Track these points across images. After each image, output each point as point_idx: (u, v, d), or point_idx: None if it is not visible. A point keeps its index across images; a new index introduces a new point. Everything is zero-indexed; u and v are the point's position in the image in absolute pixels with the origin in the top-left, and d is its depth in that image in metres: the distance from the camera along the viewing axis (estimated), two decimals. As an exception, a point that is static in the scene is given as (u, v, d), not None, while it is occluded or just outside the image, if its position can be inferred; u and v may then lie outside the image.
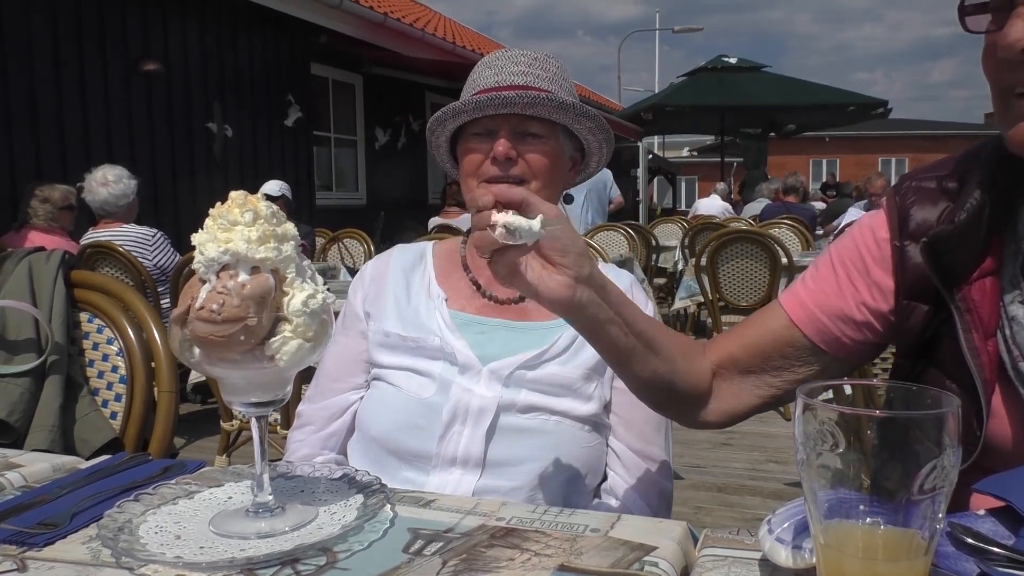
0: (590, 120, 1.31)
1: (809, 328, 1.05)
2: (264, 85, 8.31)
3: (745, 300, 5.01)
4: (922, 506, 0.55)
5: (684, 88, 13.82)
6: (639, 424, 1.29)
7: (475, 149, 1.30)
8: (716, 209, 10.71)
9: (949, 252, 0.91)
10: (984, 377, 0.88)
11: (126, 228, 4.45)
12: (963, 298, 0.90)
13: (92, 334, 1.62)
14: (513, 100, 1.24)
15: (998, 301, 0.90)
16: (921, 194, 0.98)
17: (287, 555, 0.77)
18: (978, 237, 0.90)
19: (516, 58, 1.33)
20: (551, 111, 1.27)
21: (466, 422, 1.21)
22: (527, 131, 1.29)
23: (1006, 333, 0.89)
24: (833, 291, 1.04)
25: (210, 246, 0.79)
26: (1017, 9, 0.78)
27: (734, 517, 3.39)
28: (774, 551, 0.70)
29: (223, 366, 0.81)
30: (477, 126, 1.30)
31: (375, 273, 1.40)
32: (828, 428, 0.56)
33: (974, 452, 0.88)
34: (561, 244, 0.93)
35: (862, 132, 30.43)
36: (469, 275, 1.37)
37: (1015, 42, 0.78)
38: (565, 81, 1.35)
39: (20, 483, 0.98)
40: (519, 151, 1.28)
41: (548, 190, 1.30)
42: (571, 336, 1.27)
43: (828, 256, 1.07)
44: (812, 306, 1.05)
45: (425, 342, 1.28)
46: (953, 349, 0.91)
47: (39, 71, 5.86)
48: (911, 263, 0.96)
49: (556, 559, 0.76)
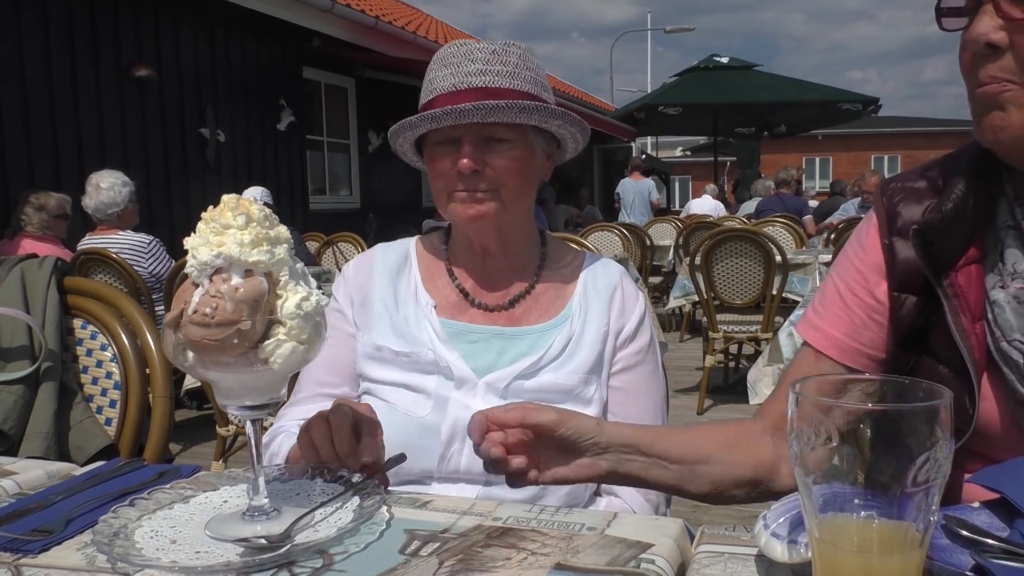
0: (558, 119, 1.25)
1: (835, 351, 1.07)
2: (257, 89, 8.30)
3: (740, 298, 5.02)
4: (916, 499, 0.55)
5: (676, 88, 13.84)
6: (636, 421, 1.27)
7: (440, 158, 1.25)
8: (708, 208, 10.75)
9: (937, 241, 0.95)
10: (974, 358, 0.92)
11: (122, 235, 4.43)
12: (950, 284, 0.94)
13: (86, 340, 1.61)
14: (471, 112, 1.17)
15: (983, 287, 0.94)
16: (907, 193, 1.03)
17: (283, 558, 0.77)
18: (963, 227, 0.95)
19: (473, 54, 1.24)
20: (514, 116, 1.20)
21: (466, 440, 1.16)
22: (492, 136, 1.23)
23: (988, 317, 0.94)
24: (842, 308, 1.07)
25: (203, 250, 0.79)
26: (984, 7, 0.85)
27: (731, 514, 3.39)
28: (770, 546, 0.70)
29: (217, 370, 0.81)
30: (438, 134, 1.25)
31: (359, 279, 1.35)
32: (821, 422, 0.57)
33: (967, 432, 0.92)
34: (572, 437, 0.97)
35: (855, 130, 30.50)
36: (455, 282, 1.34)
37: (979, 36, 0.84)
38: (528, 70, 1.26)
39: (15, 490, 0.98)
40: (486, 159, 1.22)
41: (522, 191, 1.27)
42: (565, 339, 1.26)
43: (831, 278, 1.12)
44: (828, 329, 1.08)
45: (419, 356, 1.24)
46: (944, 335, 0.95)
47: (31, 77, 5.84)
48: (900, 257, 1.00)
49: (553, 558, 0.76)
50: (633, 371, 1.30)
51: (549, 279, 1.34)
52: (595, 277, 1.34)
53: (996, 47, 0.84)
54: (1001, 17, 0.84)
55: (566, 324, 1.29)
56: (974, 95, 0.89)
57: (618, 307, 1.31)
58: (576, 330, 1.28)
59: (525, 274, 1.34)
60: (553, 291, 1.33)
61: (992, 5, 0.84)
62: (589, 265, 1.36)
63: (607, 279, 1.34)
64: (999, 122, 0.86)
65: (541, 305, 1.32)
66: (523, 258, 1.35)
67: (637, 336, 1.31)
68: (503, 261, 1.33)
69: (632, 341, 1.31)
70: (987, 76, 0.86)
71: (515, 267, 1.34)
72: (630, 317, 1.31)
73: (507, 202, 1.25)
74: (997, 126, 0.87)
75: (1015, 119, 0.85)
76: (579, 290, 1.33)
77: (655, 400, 1.33)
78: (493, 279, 1.33)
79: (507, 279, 1.33)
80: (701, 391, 5.10)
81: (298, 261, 0.85)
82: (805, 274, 5.25)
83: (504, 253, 1.33)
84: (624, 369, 1.30)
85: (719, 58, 13.77)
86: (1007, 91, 0.85)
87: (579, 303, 1.31)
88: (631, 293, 1.34)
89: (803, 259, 5.35)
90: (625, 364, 1.30)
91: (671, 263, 8.34)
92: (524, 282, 1.33)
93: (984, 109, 0.88)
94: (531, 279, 1.34)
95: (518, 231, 1.33)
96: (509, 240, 1.32)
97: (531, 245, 1.37)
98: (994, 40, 0.84)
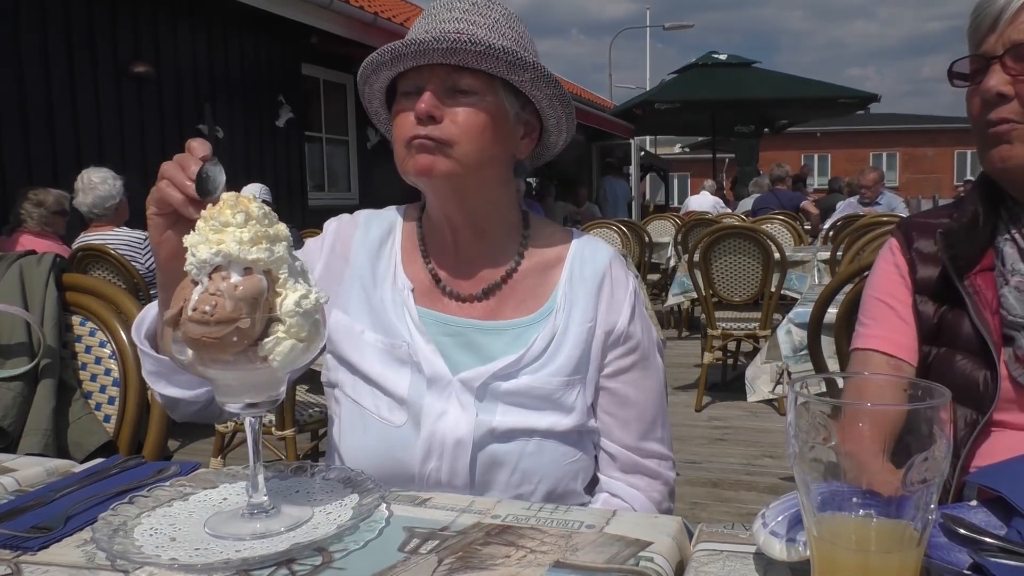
0: (529, 71, 1.14)
1: (905, 353, 1.23)
2: (255, 86, 8.28)
3: (738, 296, 5.02)
4: (914, 497, 0.55)
5: (675, 85, 13.82)
6: (634, 421, 1.23)
7: (403, 109, 1.17)
8: (707, 205, 10.76)
9: (956, 244, 1.17)
10: (994, 340, 1.13)
11: (118, 232, 4.43)
12: (970, 284, 1.17)
13: (84, 337, 1.61)
14: (431, 47, 1.09)
15: (996, 288, 1.16)
16: (918, 227, 1.27)
17: (282, 556, 0.77)
18: (978, 237, 1.18)
19: (452, 4, 1.18)
20: (478, 59, 1.11)
21: (443, 456, 1.13)
22: (457, 87, 1.14)
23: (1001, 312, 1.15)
24: (893, 315, 1.25)
25: (202, 248, 0.79)
26: (993, 65, 1.10)
27: (729, 512, 3.40)
28: (768, 545, 0.70)
29: (216, 367, 0.81)
30: (406, 82, 1.17)
31: (339, 248, 1.27)
32: (820, 421, 0.57)
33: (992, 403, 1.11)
34: None
35: (853, 127, 30.52)
36: (429, 265, 1.25)
37: (992, 88, 1.09)
38: (510, 29, 1.18)
39: (14, 487, 0.98)
40: (447, 109, 1.13)
41: (482, 155, 1.15)
42: (548, 336, 1.19)
43: (869, 297, 1.30)
44: (892, 335, 1.24)
45: (395, 349, 1.18)
46: (963, 325, 1.17)
47: (28, 74, 5.83)
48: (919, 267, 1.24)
49: (552, 556, 0.76)
50: (628, 373, 1.23)
51: (529, 267, 1.25)
52: (582, 264, 1.25)
53: (1004, 96, 1.09)
54: (1007, 73, 1.09)
55: (549, 319, 1.20)
56: (983, 133, 1.12)
57: (607, 299, 1.22)
58: (560, 326, 1.19)
59: (502, 260, 1.25)
60: (533, 280, 1.24)
61: (999, 64, 1.09)
62: (576, 251, 1.27)
63: (594, 266, 1.24)
64: (1006, 153, 1.10)
65: (519, 295, 1.23)
66: (499, 242, 1.26)
67: (629, 333, 1.23)
68: (476, 245, 1.24)
69: (624, 340, 1.22)
70: (997, 117, 1.10)
71: (490, 252, 1.25)
72: (621, 310, 1.22)
73: (464, 162, 1.14)
74: (1004, 156, 1.11)
75: (1019, 151, 1.09)
76: (564, 279, 1.23)
77: (653, 399, 1.26)
78: (465, 264, 1.25)
79: (480, 265, 1.24)
80: (699, 388, 5.10)
81: (297, 259, 0.85)
82: (803, 271, 5.26)
83: (476, 233, 1.24)
84: (617, 372, 1.23)
85: (718, 55, 13.75)
86: (1014, 130, 1.09)
87: (564, 294, 1.22)
88: (620, 280, 1.25)
89: (801, 256, 5.36)
90: (618, 367, 1.23)
91: (669, 260, 8.34)
92: (500, 269, 1.24)
93: (993, 144, 1.11)
94: (509, 266, 1.25)
95: (489, 208, 1.23)
96: (478, 216, 1.23)
97: (509, 227, 1.27)
98: (1003, 91, 1.09)
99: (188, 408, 1.18)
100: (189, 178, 0.90)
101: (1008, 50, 1.09)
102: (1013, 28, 1.09)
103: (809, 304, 2.74)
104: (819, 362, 2.03)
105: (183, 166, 0.92)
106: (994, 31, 1.11)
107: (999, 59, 1.10)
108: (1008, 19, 1.09)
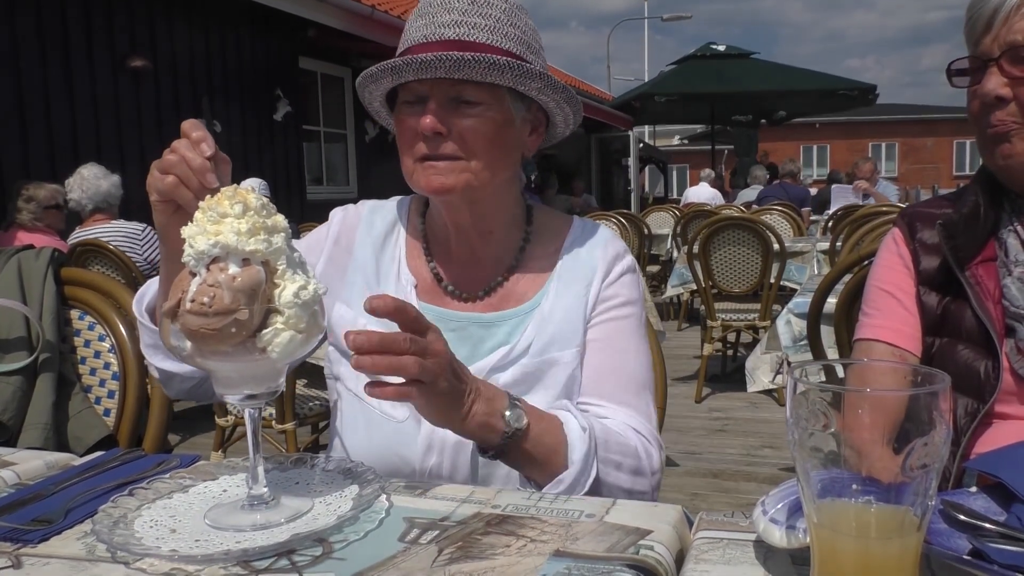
0: (537, 81, 1.12)
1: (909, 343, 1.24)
2: (252, 80, 8.26)
3: (738, 287, 5.02)
4: (914, 483, 0.55)
5: (673, 76, 13.81)
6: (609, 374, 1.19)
7: (406, 119, 1.14)
8: (706, 196, 10.75)
9: (957, 235, 1.19)
10: (996, 330, 1.14)
11: (114, 224, 4.42)
12: (972, 275, 1.18)
13: (84, 331, 1.61)
14: (433, 64, 1.06)
15: (998, 278, 1.17)
16: (921, 217, 1.28)
17: (283, 546, 0.77)
18: (978, 228, 1.19)
19: (450, 3, 1.13)
20: (483, 73, 1.07)
21: (444, 452, 1.14)
22: (461, 98, 1.11)
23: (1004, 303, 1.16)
24: (898, 305, 1.25)
25: (200, 239, 0.79)
26: (991, 68, 1.11)
27: (730, 503, 3.40)
28: (768, 532, 0.70)
29: (215, 359, 0.81)
30: (407, 92, 1.14)
31: (344, 240, 1.27)
32: (820, 408, 0.57)
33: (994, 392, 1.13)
34: None
35: (853, 117, 30.43)
36: (431, 264, 1.25)
37: (990, 91, 1.11)
38: (513, 27, 1.14)
39: (14, 480, 0.98)
40: (452, 123, 1.11)
41: (495, 163, 1.14)
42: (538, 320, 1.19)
43: (872, 288, 1.30)
44: (897, 325, 1.24)
45: None
46: (965, 315, 1.18)
47: (25, 68, 5.81)
48: (921, 257, 1.25)
49: (552, 545, 0.76)
50: (613, 323, 1.21)
51: (529, 262, 1.25)
52: (580, 246, 1.25)
53: (1003, 99, 1.10)
54: (1004, 75, 1.10)
55: (542, 304, 1.21)
56: (984, 132, 1.15)
57: (601, 273, 1.22)
58: (547, 310, 1.20)
59: (505, 258, 1.25)
60: (533, 271, 1.24)
61: (996, 67, 1.10)
62: (574, 235, 1.27)
63: (591, 247, 1.25)
64: (1007, 151, 1.13)
65: (520, 288, 1.24)
66: (503, 241, 1.25)
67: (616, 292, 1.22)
68: (480, 247, 1.24)
69: (612, 297, 1.22)
70: (997, 120, 1.12)
71: (494, 252, 1.25)
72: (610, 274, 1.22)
73: (478, 173, 1.13)
74: (1005, 154, 1.13)
75: (1019, 148, 1.12)
76: (560, 263, 1.24)
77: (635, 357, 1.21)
78: (468, 266, 1.25)
79: (483, 266, 1.24)
80: (699, 379, 5.11)
81: (295, 250, 0.85)
82: (803, 262, 5.26)
83: (481, 236, 1.23)
84: (603, 322, 1.21)
85: (716, 46, 13.74)
86: (1013, 129, 1.11)
87: (558, 276, 1.23)
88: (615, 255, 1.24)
89: (801, 247, 5.36)
90: (603, 318, 1.21)
91: (669, 252, 8.34)
92: (502, 267, 1.25)
93: (994, 142, 1.14)
94: (511, 263, 1.25)
95: (497, 210, 1.23)
96: (486, 220, 1.22)
97: (514, 226, 1.27)
98: (1001, 94, 1.10)
99: (183, 384, 1.18)
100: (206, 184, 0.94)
101: (1004, 52, 1.09)
102: (1007, 29, 1.09)
103: (809, 294, 2.74)
104: (819, 352, 2.03)
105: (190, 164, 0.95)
106: (989, 32, 1.11)
107: (996, 61, 1.10)
108: (1002, 20, 1.10)
